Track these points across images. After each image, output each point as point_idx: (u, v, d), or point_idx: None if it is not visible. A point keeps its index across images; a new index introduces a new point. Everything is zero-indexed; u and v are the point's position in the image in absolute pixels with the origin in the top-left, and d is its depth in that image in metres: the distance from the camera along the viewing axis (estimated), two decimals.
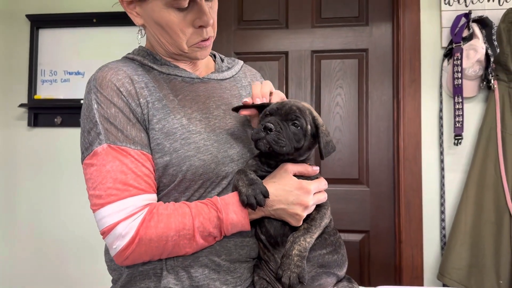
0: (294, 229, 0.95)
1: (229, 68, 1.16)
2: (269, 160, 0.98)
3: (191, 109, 1.00)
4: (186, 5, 0.93)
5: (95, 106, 0.94)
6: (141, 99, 0.96)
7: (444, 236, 2.19)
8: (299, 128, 0.94)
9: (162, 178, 0.96)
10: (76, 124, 2.50)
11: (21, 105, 2.48)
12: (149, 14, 0.97)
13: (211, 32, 1.01)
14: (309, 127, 0.95)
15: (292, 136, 0.93)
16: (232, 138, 1.02)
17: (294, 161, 0.97)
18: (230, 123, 1.04)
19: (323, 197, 0.98)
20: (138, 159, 0.92)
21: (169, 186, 0.96)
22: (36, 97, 2.51)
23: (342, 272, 1.03)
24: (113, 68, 0.98)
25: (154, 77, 1.01)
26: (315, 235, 0.94)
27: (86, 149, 0.95)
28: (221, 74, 1.13)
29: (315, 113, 0.98)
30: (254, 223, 0.98)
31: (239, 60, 1.22)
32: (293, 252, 0.89)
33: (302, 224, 0.94)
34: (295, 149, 0.94)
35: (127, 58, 1.06)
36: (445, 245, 2.15)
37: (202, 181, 0.95)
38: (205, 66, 1.14)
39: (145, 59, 1.04)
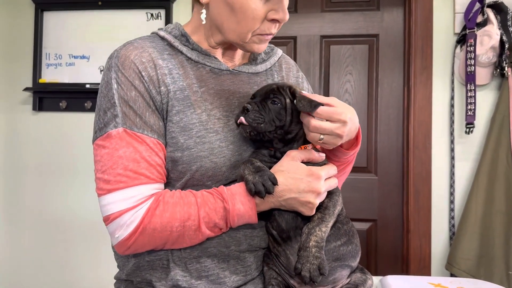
0: (307, 220, 0.90)
1: (264, 60, 1.08)
2: (261, 145, 0.95)
3: (212, 105, 0.95)
4: None
5: (115, 86, 0.89)
6: (162, 87, 0.91)
7: (453, 226, 2.17)
8: (278, 104, 0.90)
9: (170, 172, 0.93)
10: (81, 109, 2.47)
11: (26, 89, 2.46)
12: None
13: (277, 28, 0.95)
14: (288, 100, 0.91)
15: (273, 114, 0.90)
16: (249, 141, 0.97)
17: (284, 141, 0.93)
18: None
19: (334, 183, 0.93)
20: (153, 148, 0.88)
21: (176, 181, 0.93)
22: (41, 81, 2.48)
23: (356, 263, 1.00)
24: (138, 48, 0.93)
25: (180, 63, 0.95)
26: (330, 224, 0.90)
27: (100, 129, 0.90)
28: (254, 67, 1.06)
29: (297, 89, 0.94)
30: (263, 217, 0.94)
31: (278, 50, 1.14)
32: (310, 243, 0.85)
33: (315, 214, 0.90)
34: (277, 127, 0.90)
35: (157, 35, 0.99)
36: (454, 235, 2.12)
37: (210, 183, 0.92)
38: (241, 56, 1.08)
39: (176, 40, 0.98)
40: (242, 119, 0.88)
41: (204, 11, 0.95)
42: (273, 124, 0.89)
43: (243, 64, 1.05)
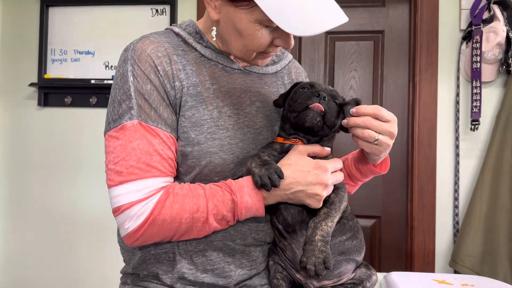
0: (313, 215, 0.91)
1: (274, 62, 1.10)
2: (299, 132, 0.95)
3: (223, 103, 0.96)
4: (275, 25, 0.88)
5: (131, 78, 0.90)
6: (176, 82, 0.92)
7: (457, 222, 2.16)
8: (336, 105, 0.93)
9: (179, 166, 0.94)
10: (86, 104, 2.48)
11: (31, 85, 2.46)
12: (231, 18, 0.90)
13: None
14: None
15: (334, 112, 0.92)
16: (258, 139, 0.99)
17: (321, 141, 0.96)
18: (259, 122, 1.00)
19: (340, 177, 0.94)
20: (166, 141, 0.89)
21: (185, 175, 0.94)
22: (46, 76, 2.49)
23: (361, 258, 1.00)
24: (155, 42, 0.93)
25: (194, 59, 0.97)
26: (336, 219, 0.90)
27: (114, 120, 0.90)
28: (265, 68, 1.07)
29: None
30: (269, 211, 0.95)
31: (288, 54, 1.16)
32: (316, 237, 0.86)
33: (322, 208, 0.90)
34: (333, 126, 0.93)
35: (172, 32, 1.00)
36: (458, 232, 2.12)
37: (218, 178, 0.93)
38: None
39: (190, 37, 0.98)
40: (319, 105, 0.89)
41: (214, 28, 0.96)
42: (334, 121, 0.92)
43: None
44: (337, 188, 0.94)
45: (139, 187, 0.86)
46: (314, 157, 0.93)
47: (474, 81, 2.08)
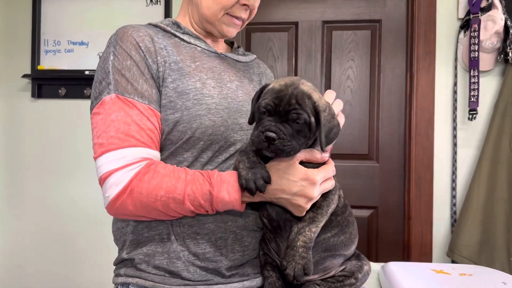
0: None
1: (244, 54, 1.20)
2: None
3: (206, 76, 1.01)
4: None
5: (111, 57, 0.95)
6: (159, 57, 0.97)
7: (455, 212, 2.16)
8: (303, 124, 0.84)
9: (170, 134, 0.96)
10: (80, 95, 2.45)
11: (24, 76, 2.43)
12: None
13: (247, 15, 1.08)
14: (312, 118, 0.84)
15: (297, 135, 0.84)
16: (242, 110, 1.02)
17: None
18: (241, 97, 1.05)
19: (330, 185, 0.92)
20: (144, 112, 0.92)
21: (177, 143, 0.96)
22: (39, 67, 2.45)
23: (350, 251, 1.00)
24: (135, 27, 1.00)
25: (174, 43, 1.02)
26: (321, 224, 0.90)
27: (96, 98, 0.95)
28: (237, 56, 1.15)
29: (316, 96, 0.87)
30: (255, 204, 0.96)
31: (253, 54, 1.25)
32: (298, 243, 0.86)
33: (308, 212, 0.90)
34: (301, 144, 0.86)
35: (150, 24, 1.07)
36: (456, 222, 2.12)
37: (211, 142, 0.95)
38: (223, 48, 1.18)
39: (168, 27, 1.06)
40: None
41: None
42: (299, 147, 0.85)
43: (228, 52, 1.15)
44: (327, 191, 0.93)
45: (119, 156, 0.89)
46: (308, 162, 0.91)
47: (472, 70, 2.07)
